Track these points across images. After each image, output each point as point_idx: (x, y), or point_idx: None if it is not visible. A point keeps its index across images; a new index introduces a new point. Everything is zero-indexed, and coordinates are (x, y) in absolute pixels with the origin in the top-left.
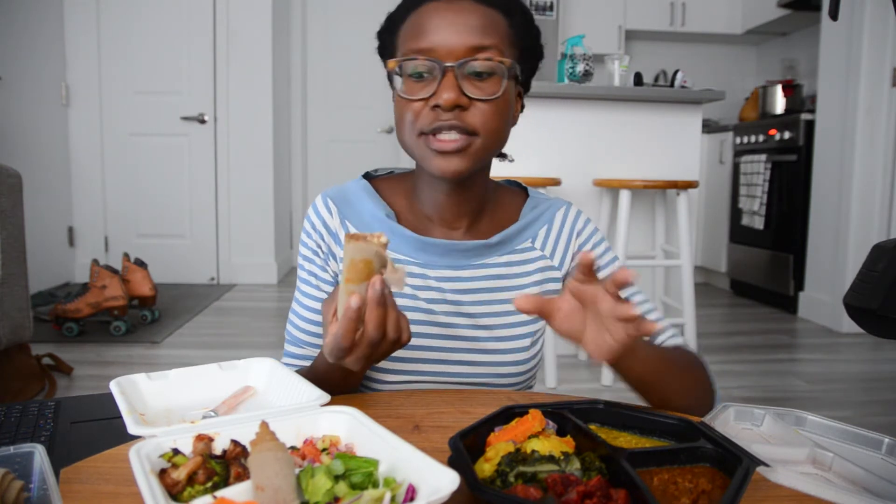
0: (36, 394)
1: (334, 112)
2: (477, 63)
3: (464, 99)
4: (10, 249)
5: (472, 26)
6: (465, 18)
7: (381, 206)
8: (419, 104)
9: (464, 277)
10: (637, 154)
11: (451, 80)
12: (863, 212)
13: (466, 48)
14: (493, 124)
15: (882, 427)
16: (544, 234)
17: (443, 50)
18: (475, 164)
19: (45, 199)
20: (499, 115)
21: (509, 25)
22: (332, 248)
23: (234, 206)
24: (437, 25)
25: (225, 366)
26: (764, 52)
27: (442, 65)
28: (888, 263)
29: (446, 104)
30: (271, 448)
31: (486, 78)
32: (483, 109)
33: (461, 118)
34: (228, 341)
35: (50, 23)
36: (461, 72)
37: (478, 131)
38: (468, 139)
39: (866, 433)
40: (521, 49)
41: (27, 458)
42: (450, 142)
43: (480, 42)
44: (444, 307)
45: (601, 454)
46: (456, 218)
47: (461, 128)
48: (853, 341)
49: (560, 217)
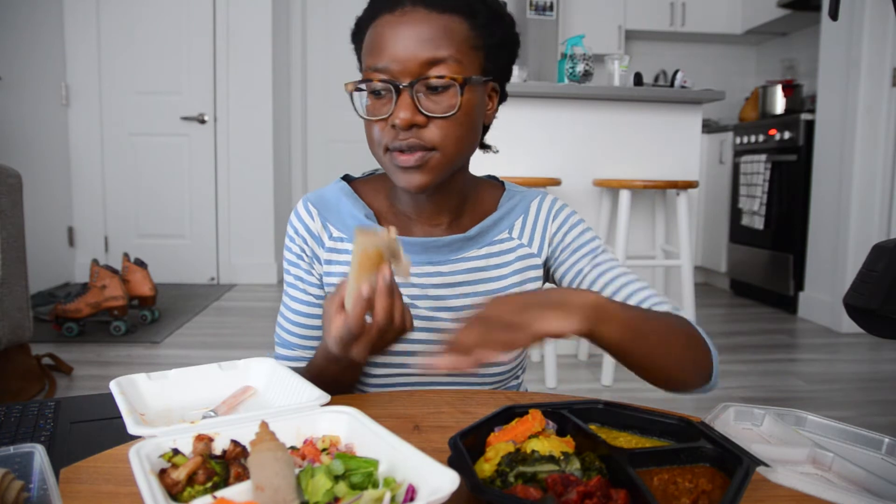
0: (36, 394)
1: (334, 112)
2: (429, 80)
3: (419, 117)
4: (10, 249)
5: (424, 39)
6: (417, 31)
7: (360, 207)
8: (380, 122)
9: (444, 272)
10: (637, 154)
11: (405, 99)
12: (863, 212)
13: (419, 63)
14: (452, 138)
15: (882, 427)
16: (521, 223)
17: (396, 68)
18: (438, 177)
19: (45, 199)
20: (458, 127)
21: (471, 27)
22: (316, 251)
23: (234, 206)
24: (390, 41)
25: (225, 366)
26: (764, 52)
27: (396, 84)
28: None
29: (402, 124)
30: (271, 448)
31: (443, 91)
32: (441, 125)
33: (419, 135)
34: (228, 341)
35: (50, 23)
36: (417, 89)
37: (436, 146)
38: (427, 154)
39: (866, 433)
40: (488, 47)
41: (27, 458)
42: (409, 157)
43: (434, 55)
44: (427, 302)
45: (601, 454)
46: (436, 215)
47: (419, 145)
48: (853, 341)
49: (535, 206)
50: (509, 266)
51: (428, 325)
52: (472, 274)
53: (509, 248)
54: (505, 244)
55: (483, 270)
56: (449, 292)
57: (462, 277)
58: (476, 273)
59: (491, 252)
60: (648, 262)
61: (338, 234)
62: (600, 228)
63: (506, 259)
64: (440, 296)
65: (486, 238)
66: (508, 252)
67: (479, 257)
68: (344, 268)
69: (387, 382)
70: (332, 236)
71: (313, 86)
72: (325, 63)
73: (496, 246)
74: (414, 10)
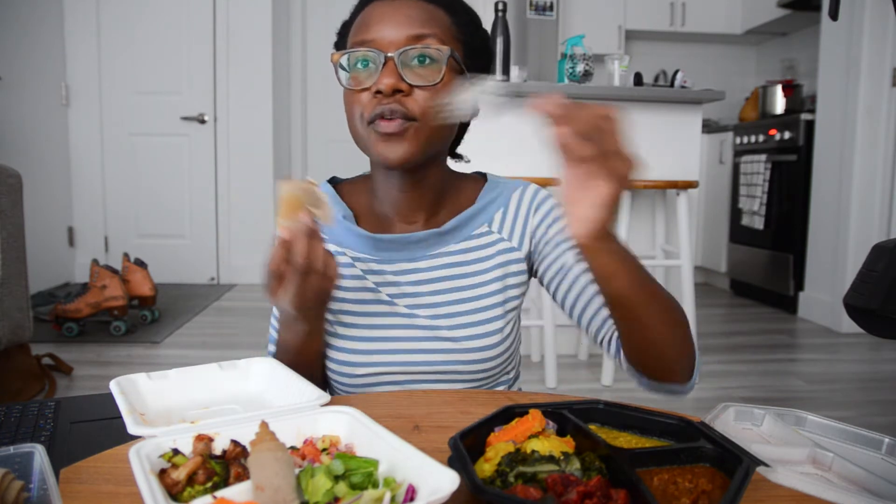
0: (36, 394)
1: (334, 112)
2: (415, 50)
3: (403, 84)
4: (10, 249)
5: (412, 17)
6: (405, 11)
7: (340, 207)
8: (365, 94)
9: (421, 268)
10: (637, 154)
11: (391, 67)
12: (863, 212)
13: (406, 37)
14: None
15: (882, 427)
16: (500, 216)
17: (384, 41)
18: (419, 150)
19: (45, 199)
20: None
21: (451, 22)
22: None
23: (234, 206)
24: (379, 20)
25: (225, 366)
26: (764, 52)
27: (382, 54)
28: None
29: (387, 89)
30: (271, 448)
31: (428, 65)
32: (423, 96)
33: (402, 102)
34: (228, 341)
35: (50, 23)
36: (402, 60)
37: (417, 117)
38: (406, 123)
39: (866, 433)
40: (465, 44)
41: (27, 458)
42: (390, 122)
43: (420, 31)
44: (405, 300)
45: (601, 454)
46: (412, 212)
47: (401, 111)
48: (853, 341)
49: (516, 197)
50: (490, 260)
51: (408, 321)
52: (450, 269)
53: (489, 243)
54: (484, 238)
55: (462, 265)
56: (427, 289)
57: (440, 273)
58: (454, 268)
59: (469, 247)
60: (648, 262)
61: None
62: None
63: (486, 253)
64: (417, 293)
65: (463, 232)
66: (488, 246)
67: (457, 252)
68: None
69: (369, 382)
70: None
71: (313, 86)
72: (325, 63)
73: (475, 240)
74: None
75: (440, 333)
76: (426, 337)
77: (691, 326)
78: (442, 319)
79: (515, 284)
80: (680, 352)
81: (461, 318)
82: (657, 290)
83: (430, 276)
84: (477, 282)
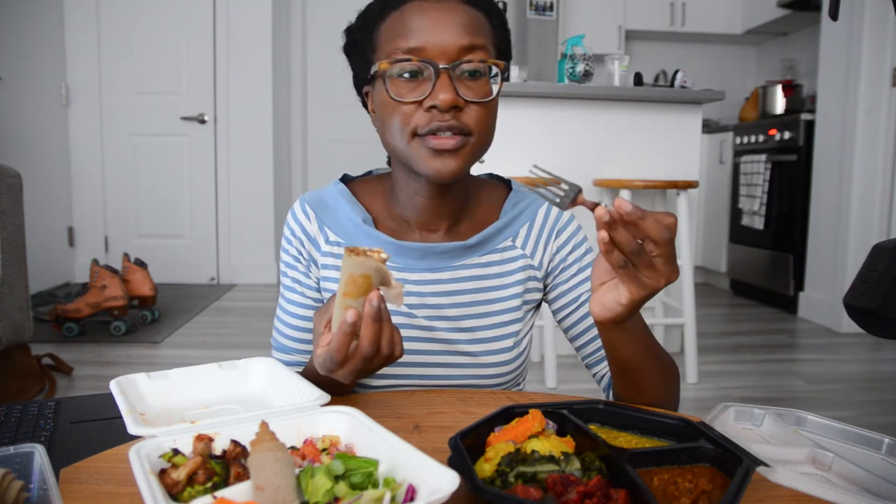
0: (36, 394)
1: (334, 112)
2: (470, 65)
3: (460, 100)
4: (10, 249)
5: (461, 25)
6: (453, 17)
7: (358, 210)
8: (411, 106)
9: (443, 280)
10: (637, 154)
11: (446, 80)
12: (863, 212)
13: (458, 48)
14: (486, 124)
15: (882, 427)
16: (525, 231)
17: (434, 49)
18: (468, 165)
19: (45, 199)
20: (491, 115)
21: (490, 26)
22: (313, 254)
23: (234, 206)
24: (426, 24)
25: (225, 366)
26: (764, 52)
27: (436, 66)
28: (888, 263)
29: (444, 105)
30: (271, 448)
31: (479, 78)
32: (477, 110)
33: (458, 118)
34: (228, 341)
35: (50, 23)
36: (454, 73)
37: (472, 132)
38: (464, 139)
39: (866, 433)
40: (498, 49)
41: (27, 458)
42: (448, 140)
43: (472, 42)
44: (425, 311)
45: (601, 454)
46: (435, 221)
47: (458, 128)
48: (853, 341)
49: (542, 214)
50: (512, 276)
51: (427, 334)
52: (472, 282)
53: (513, 258)
54: (508, 252)
55: (484, 279)
56: (448, 300)
57: (462, 286)
58: (477, 281)
59: (493, 260)
60: None
61: (335, 239)
62: None
63: (508, 268)
64: (439, 304)
65: (488, 246)
66: (511, 261)
67: (480, 265)
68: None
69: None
70: (329, 240)
71: (313, 86)
72: (325, 63)
73: (498, 255)
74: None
75: (458, 347)
76: (443, 350)
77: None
78: (461, 333)
79: (532, 301)
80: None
81: (481, 332)
82: (657, 354)
83: (453, 287)
84: (498, 296)
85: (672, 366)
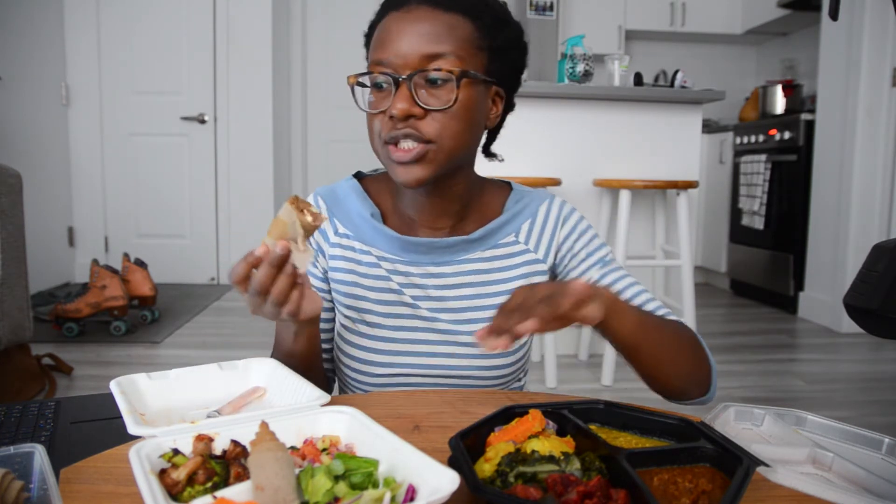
0: (36, 394)
1: (334, 112)
2: (428, 73)
3: (417, 109)
4: (10, 249)
5: (425, 34)
6: (419, 27)
7: (368, 205)
8: (379, 115)
9: (447, 273)
10: (637, 154)
11: (403, 91)
12: (863, 212)
13: (419, 57)
14: (448, 131)
15: (882, 427)
16: (528, 227)
17: (398, 61)
18: (437, 171)
19: (45, 199)
20: (455, 121)
21: (476, 28)
22: (322, 244)
23: (234, 206)
24: (393, 36)
25: (225, 366)
26: (764, 52)
27: (395, 76)
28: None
29: (399, 114)
30: (271, 448)
31: (442, 85)
32: (438, 118)
33: (415, 127)
34: (228, 341)
35: (50, 23)
36: (417, 81)
37: (433, 139)
38: (424, 147)
39: (866, 433)
40: (492, 49)
41: (27, 458)
42: (405, 151)
43: (433, 50)
44: (429, 303)
45: (601, 454)
46: (437, 219)
47: (416, 136)
48: (853, 341)
49: (544, 210)
50: (514, 270)
51: (429, 325)
52: (475, 276)
53: (515, 252)
54: (510, 248)
55: (486, 273)
56: (451, 293)
57: (465, 279)
58: (479, 275)
59: (496, 255)
60: (648, 262)
61: (343, 231)
62: (600, 228)
63: (511, 262)
64: (442, 297)
65: (491, 241)
66: (514, 256)
67: (483, 259)
68: (347, 264)
69: (387, 382)
70: (338, 232)
71: (313, 86)
72: (325, 63)
73: (501, 249)
74: (419, 8)
75: (459, 339)
76: (445, 341)
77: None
78: (463, 325)
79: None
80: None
81: (482, 324)
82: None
83: (455, 281)
84: (500, 290)
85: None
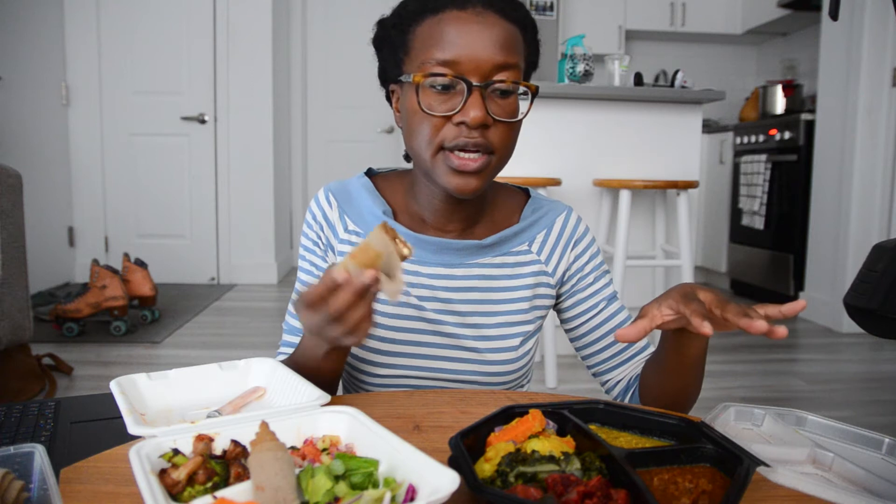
0: (36, 394)
1: (334, 112)
2: (503, 85)
3: (489, 118)
4: (10, 249)
5: (497, 42)
6: (490, 33)
7: (379, 203)
8: (440, 119)
9: (456, 276)
10: (637, 154)
11: (478, 98)
12: (863, 212)
13: (493, 65)
14: (509, 143)
15: (882, 427)
16: (542, 238)
17: (469, 65)
18: (488, 183)
19: (45, 199)
20: (514, 133)
21: (524, 41)
22: (331, 239)
23: (234, 206)
24: (462, 37)
25: (225, 366)
26: (764, 52)
27: (470, 83)
28: (888, 263)
29: (474, 122)
30: (271, 448)
31: (508, 97)
32: (503, 129)
33: (484, 135)
34: (228, 341)
35: (50, 23)
36: (486, 91)
37: (496, 150)
38: (488, 159)
39: (866, 433)
40: (526, 63)
41: (27, 458)
42: (472, 161)
43: (505, 60)
44: (435, 304)
45: (601, 454)
46: (449, 222)
47: (483, 146)
48: (853, 341)
49: (560, 223)
50: (523, 279)
51: (434, 328)
52: (483, 281)
53: (526, 262)
54: (522, 257)
55: (495, 279)
56: (458, 296)
57: (473, 283)
58: (488, 280)
59: (506, 262)
60: (648, 262)
61: (353, 228)
62: (600, 228)
63: (520, 271)
64: (449, 299)
65: (503, 247)
66: (524, 265)
67: (493, 265)
68: None
69: (387, 383)
70: (348, 228)
71: (313, 86)
72: (325, 63)
73: (513, 257)
74: (486, 13)
75: (463, 343)
76: (449, 345)
77: None
78: (467, 329)
79: (542, 307)
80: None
81: (486, 329)
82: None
83: (464, 284)
84: (507, 297)
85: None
